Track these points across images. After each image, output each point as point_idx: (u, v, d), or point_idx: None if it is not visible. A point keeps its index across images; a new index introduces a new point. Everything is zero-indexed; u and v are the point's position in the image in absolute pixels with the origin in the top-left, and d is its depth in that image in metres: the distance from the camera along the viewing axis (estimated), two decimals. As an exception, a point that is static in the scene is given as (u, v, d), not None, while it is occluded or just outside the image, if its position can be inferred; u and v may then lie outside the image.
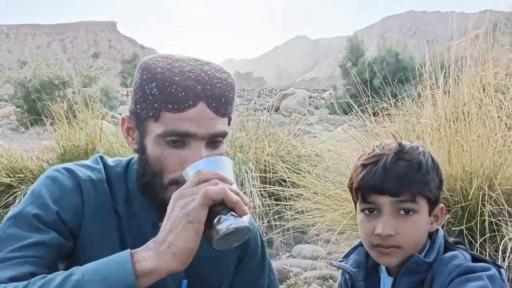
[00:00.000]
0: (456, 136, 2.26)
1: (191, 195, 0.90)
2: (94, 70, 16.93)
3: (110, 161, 1.20)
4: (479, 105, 2.83)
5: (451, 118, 2.41)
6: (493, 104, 2.70)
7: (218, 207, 0.91)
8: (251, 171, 3.63)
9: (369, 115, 3.72)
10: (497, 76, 4.41)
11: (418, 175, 1.14)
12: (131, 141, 1.13)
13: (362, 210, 1.20)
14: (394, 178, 1.13)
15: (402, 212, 1.14)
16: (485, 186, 2.06)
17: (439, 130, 2.40)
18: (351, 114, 4.00)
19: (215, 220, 0.90)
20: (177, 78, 1.01)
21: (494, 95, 4.12)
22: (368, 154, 1.21)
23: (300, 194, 3.12)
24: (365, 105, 3.64)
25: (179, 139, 1.02)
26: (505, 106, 3.41)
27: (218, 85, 1.04)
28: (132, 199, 1.14)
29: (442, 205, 1.24)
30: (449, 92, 3.43)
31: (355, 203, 1.25)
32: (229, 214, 0.91)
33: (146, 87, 1.03)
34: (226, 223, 0.90)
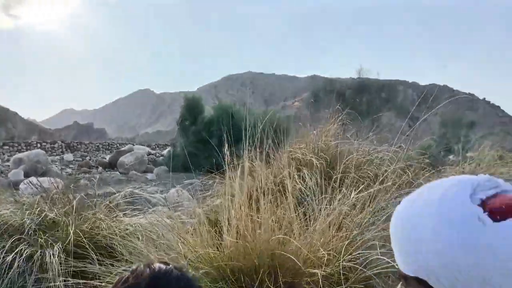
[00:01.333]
0: (251, 229, 2.37)
1: None
2: None
3: None
4: (276, 188, 3.05)
5: (246, 209, 2.53)
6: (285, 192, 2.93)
7: None
8: (57, 255, 3.32)
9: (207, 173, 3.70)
10: (303, 151, 4.87)
11: None
12: None
13: None
14: None
15: None
16: (268, 280, 2.17)
17: (240, 218, 2.50)
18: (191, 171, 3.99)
19: None
20: None
21: (299, 171, 4.53)
22: (122, 284, 1.17)
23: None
24: (202, 164, 3.67)
25: None
26: (301, 182, 3.74)
27: None
28: None
29: None
30: (265, 163, 3.64)
31: None
32: None
33: None
34: None
